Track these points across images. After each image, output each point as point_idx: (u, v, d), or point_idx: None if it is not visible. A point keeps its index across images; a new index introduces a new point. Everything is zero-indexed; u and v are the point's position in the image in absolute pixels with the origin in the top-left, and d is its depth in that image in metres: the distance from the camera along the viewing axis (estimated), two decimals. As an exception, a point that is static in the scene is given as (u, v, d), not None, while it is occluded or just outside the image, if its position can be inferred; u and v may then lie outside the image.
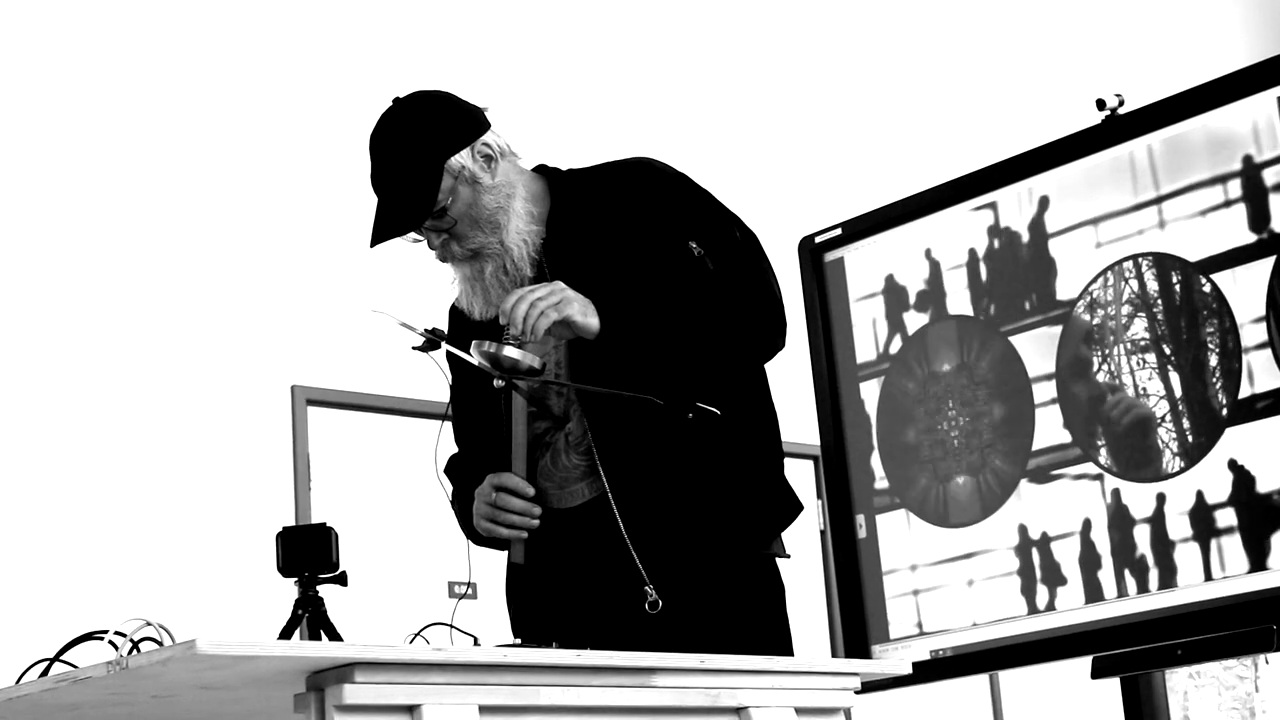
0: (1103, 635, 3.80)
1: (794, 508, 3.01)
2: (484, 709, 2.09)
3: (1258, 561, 3.57)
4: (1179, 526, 3.69)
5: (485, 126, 2.93)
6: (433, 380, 3.17)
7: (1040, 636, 3.91)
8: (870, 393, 4.26)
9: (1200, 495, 3.66)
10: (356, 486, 5.48)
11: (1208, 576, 3.64)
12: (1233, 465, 3.62)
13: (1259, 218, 3.61)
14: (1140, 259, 3.80)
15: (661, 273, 2.88)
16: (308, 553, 2.93)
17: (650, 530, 2.84)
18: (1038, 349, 3.95)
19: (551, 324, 2.73)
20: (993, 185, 4.06)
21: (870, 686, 3.01)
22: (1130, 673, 3.85)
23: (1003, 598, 3.98)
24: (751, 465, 2.94)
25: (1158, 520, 3.73)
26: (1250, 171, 3.63)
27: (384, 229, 2.87)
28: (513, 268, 2.92)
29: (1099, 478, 3.83)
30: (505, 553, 3.01)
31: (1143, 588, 3.75)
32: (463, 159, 2.88)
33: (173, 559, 5.04)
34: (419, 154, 2.87)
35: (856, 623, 4.23)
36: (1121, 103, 3.87)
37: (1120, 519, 3.79)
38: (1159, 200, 3.78)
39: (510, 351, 2.75)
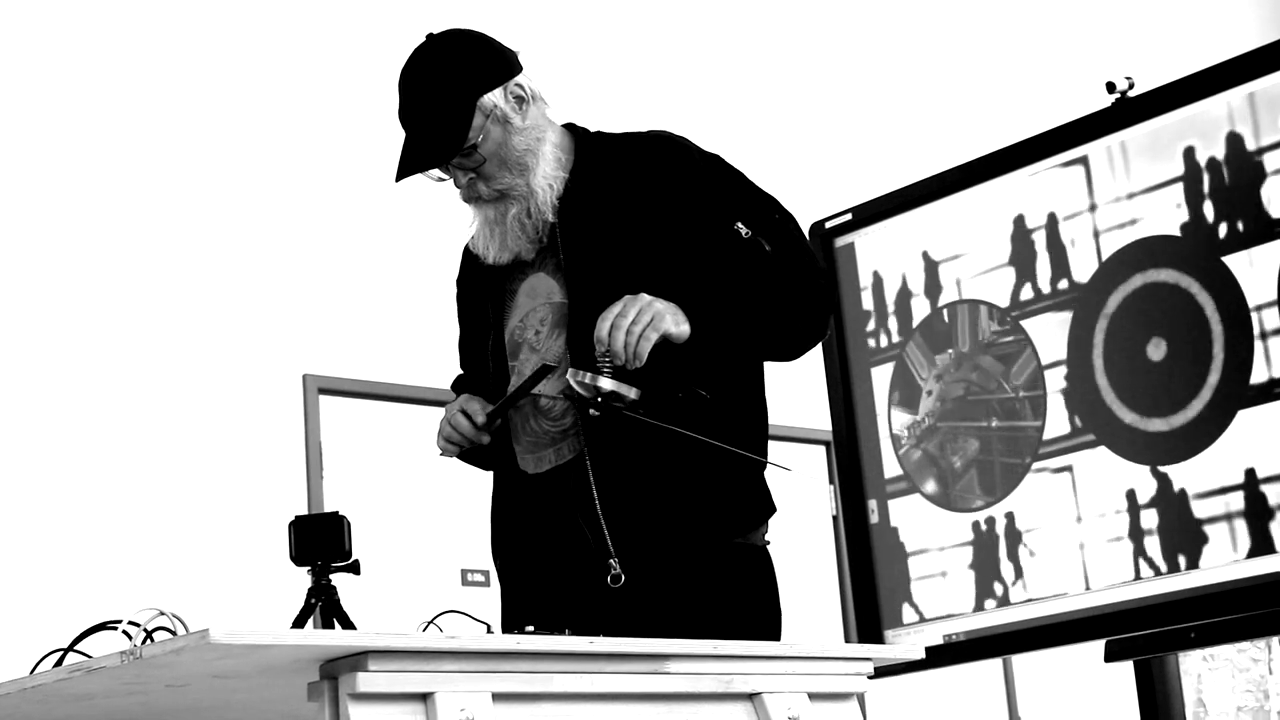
0: (1116, 619, 3.80)
1: (767, 509, 2.96)
2: (497, 696, 2.09)
3: (1271, 544, 3.57)
4: (1192, 510, 3.69)
5: (518, 69, 2.92)
6: (443, 369, 3.17)
7: (1053, 620, 3.91)
8: (881, 378, 4.26)
9: (1213, 479, 3.66)
10: (368, 475, 5.49)
11: (1221, 559, 3.64)
12: (1245, 448, 3.62)
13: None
14: (1144, 244, 3.79)
15: (722, 258, 2.85)
16: (320, 541, 2.93)
17: (621, 502, 2.80)
18: (1050, 333, 3.95)
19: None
20: (1002, 170, 4.06)
21: (883, 671, 3.01)
22: (1143, 656, 3.85)
23: (1015, 582, 3.98)
24: (734, 457, 2.89)
25: (1170, 503, 3.72)
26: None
27: (411, 163, 2.87)
28: (536, 212, 2.89)
29: (1111, 463, 3.82)
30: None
31: (1156, 571, 3.74)
32: (495, 98, 2.87)
33: (186, 549, 5.05)
34: (451, 89, 2.85)
35: (869, 608, 4.23)
36: (1132, 85, 3.87)
37: (1132, 503, 3.79)
38: (1156, 189, 3.78)
39: (606, 383, 2.72)
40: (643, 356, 2.71)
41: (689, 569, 2.82)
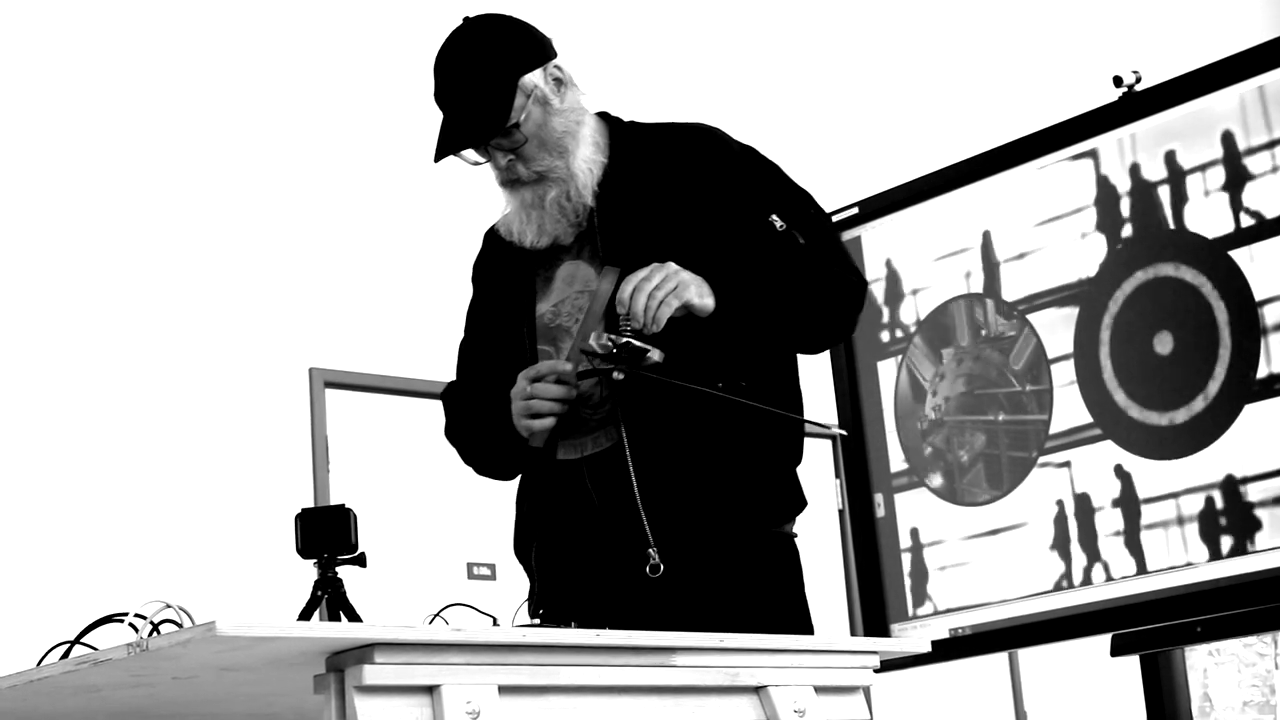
0: (1122, 613, 3.80)
1: (800, 500, 2.97)
2: (503, 689, 2.09)
3: (1277, 539, 3.56)
4: (1199, 504, 3.68)
5: (554, 53, 2.91)
6: (450, 362, 3.17)
7: (1059, 614, 3.91)
8: (887, 371, 4.26)
9: (1219, 473, 3.66)
10: (375, 468, 5.49)
11: (1227, 553, 3.64)
12: (1251, 443, 3.62)
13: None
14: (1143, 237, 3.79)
15: (755, 246, 2.84)
16: (327, 534, 2.93)
17: (660, 491, 2.78)
18: (1056, 327, 3.95)
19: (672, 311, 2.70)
20: (1010, 163, 4.06)
21: (889, 665, 3.01)
22: (1150, 650, 3.85)
23: (1022, 576, 3.98)
24: (770, 446, 2.89)
25: (1176, 498, 3.72)
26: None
27: (452, 142, 2.83)
28: (576, 195, 2.87)
29: (1116, 457, 3.82)
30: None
31: (1162, 565, 3.74)
32: (535, 78, 2.85)
33: (192, 541, 5.05)
34: (492, 69, 2.83)
35: (875, 601, 4.23)
36: (1139, 79, 3.86)
37: (1139, 497, 3.79)
38: (1166, 181, 3.77)
39: (634, 344, 2.70)
40: (661, 321, 2.69)
41: (727, 558, 2.81)
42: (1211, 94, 3.71)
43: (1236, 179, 3.66)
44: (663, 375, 2.76)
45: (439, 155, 2.85)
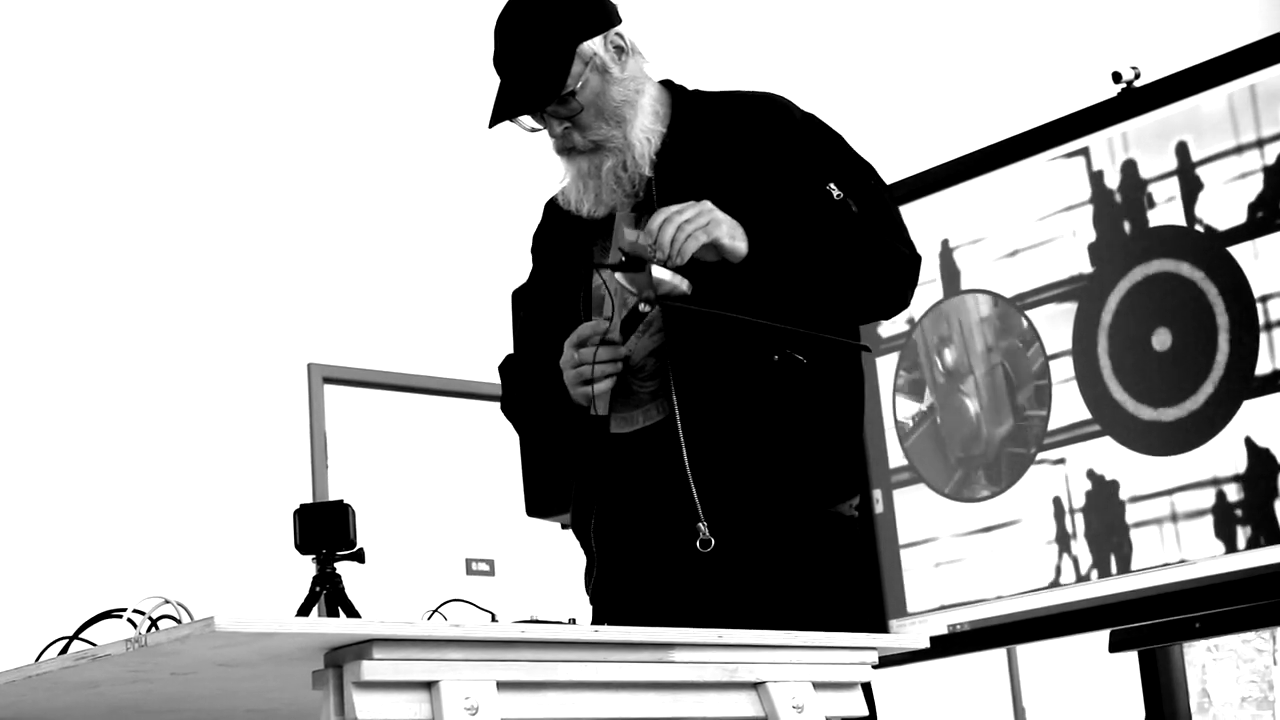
0: (1121, 609, 3.80)
1: (861, 478, 2.92)
2: (502, 684, 2.09)
3: (1275, 534, 3.56)
4: (1198, 500, 3.69)
5: (618, 20, 2.88)
6: (448, 358, 3.16)
7: (1058, 610, 3.91)
8: (887, 366, 4.26)
9: (1217, 469, 3.66)
10: (373, 464, 5.49)
11: (1226, 549, 3.64)
12: (1249, 439, 3.62)
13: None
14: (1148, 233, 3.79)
15: (804, 208, 2.80)
16: (325, 530, 2.93)
17: (712, 465, 2.75)
18: (1055, 324, 3.95)
19: (699, 246, 2.66)
20: (1007, 159, 4.06)
21: (888, 661, 3.01)
22: (1148, 646, 3.85)
23: (1020, 572, 3.98)
24: (826, 422, 2.82)
25: (1175, 494, 3.72)
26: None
27: (507, 108, 2.81)
28: (632, 165, 2.84)
29: (1115, 453, 3.82)
30: (555, 520, 2.95)
31: (1160, 561, 3.74)
32: (595, 46, 2.82)
33: (191, 537, 5.06)
34: (551, 35, 2.79)
35: (874, 598, 4.23)
36: (1138, 75, 3.86)
37: (1137, 493, 3.79)
38: (1170, 175, 3.77)
39: (660, 274, 2.66)
40: (687, 254, 2.66)
41: (781, 536, 2.77)
42: (1210, 90, 3.71)
43: (1236, 175, 3.66)
44: (695, 308, 2.71)
45: (494, 121, 2.82)
